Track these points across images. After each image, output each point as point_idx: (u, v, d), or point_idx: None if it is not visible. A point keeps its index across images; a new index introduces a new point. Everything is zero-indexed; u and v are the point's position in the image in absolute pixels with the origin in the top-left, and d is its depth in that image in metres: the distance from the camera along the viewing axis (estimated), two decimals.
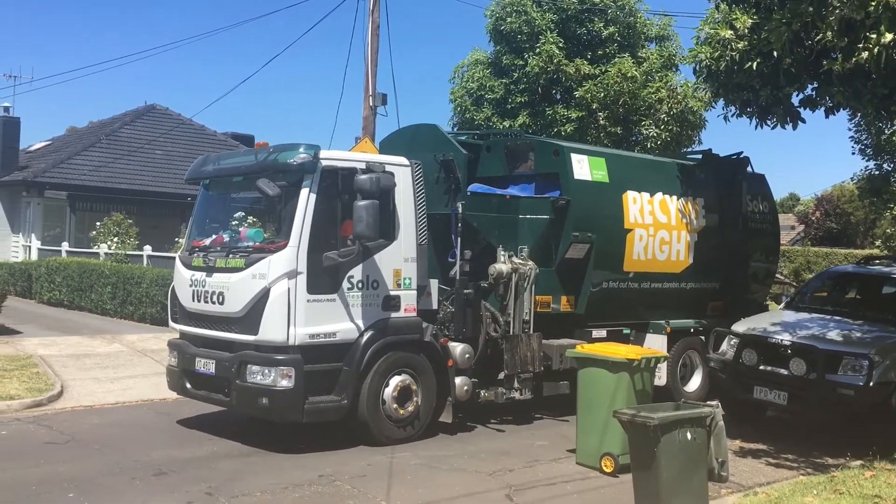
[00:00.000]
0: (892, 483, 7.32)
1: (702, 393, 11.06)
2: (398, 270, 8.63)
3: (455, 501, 6.88)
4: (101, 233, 23.15)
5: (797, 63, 8.88)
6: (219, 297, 8.27)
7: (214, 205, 9.52)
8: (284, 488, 6.98)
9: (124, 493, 6.78)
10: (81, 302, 19.99)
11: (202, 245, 8.92)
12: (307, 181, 8.06)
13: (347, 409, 8.15)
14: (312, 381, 7.96)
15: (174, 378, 8.98)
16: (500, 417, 9.95)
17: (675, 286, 11.41)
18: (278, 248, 7.96)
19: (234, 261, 8.24)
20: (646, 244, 10.86)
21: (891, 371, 9.02)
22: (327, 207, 8.18)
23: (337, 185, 8.24)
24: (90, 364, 12.69)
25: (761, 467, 8.47)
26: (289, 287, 7.82)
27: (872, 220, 40.59)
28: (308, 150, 8.11)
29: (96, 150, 28.56)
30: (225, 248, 8.60)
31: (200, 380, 8.62)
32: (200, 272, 8.54)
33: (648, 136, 18.04)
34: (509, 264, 9.49)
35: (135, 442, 8.41)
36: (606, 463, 7.73)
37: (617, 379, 7.77)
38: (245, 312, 8.00)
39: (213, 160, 9.19)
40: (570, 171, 10.10)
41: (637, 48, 19.44)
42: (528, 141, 11.17)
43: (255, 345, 8.03)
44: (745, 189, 12.37)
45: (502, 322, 9.46)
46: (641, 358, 7.91)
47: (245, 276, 8.04)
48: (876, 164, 19.96)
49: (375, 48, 16.20)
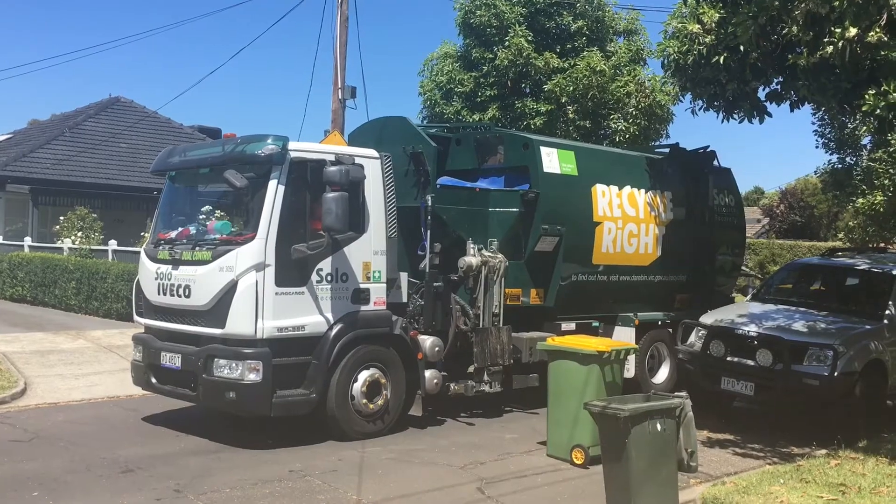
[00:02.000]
0: (857, 471, 7.46)
1: (670, 384, 11.15)
2: (368, 263, 8.58)
3: (426, 495, 6.87)
4: (64, 227, 22.74)
5: (763, 57, 8.98)
6: (185, 291, 8.16)
7: (180, 197, 9.38)
8: (254, 484, 6.91)
9: (91, 491, 6.67)
10: (45, 298, 19.65)
11: (168, 238, 8.77)
12: (275, 173, 7.97)
13: (316, 403, 8.08)
14: (281, 374, 7.88)
15: (139, 373, 8.85)
16: (469, 411, 9.96)
17: (643, 279, 11.49)
18: (246, 241, 7.87)
19: (201, 253, 8.12)
20: (614, 237, 10.91)
21: (855, 361, 9.19)
22: (296, 199, 8.09)
23: (306, 176, 8.15)
24: (54, 360, 12.48)
25: (728, 457, 8.57)
26: (256, 280, 7.73)
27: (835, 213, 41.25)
28: (276, 141, 8.02)
29: (59, 144, 28.08)
30: (191, 240, 8.46)
31: (166, 374, 8.49)
32: (166, 265, 8.43)
33: (617, 130, 18.11)
34: (479, 257, 9.47)
35: (101, 439, 8.27)
36: (577, 455, 7.76)
37: (587, 371, 7.80)
38: (212, 306, 7.91)
39: (179, 151, 9.04)
40: (539, 165, 10.10)
41: (605, 42, 19.50)
42: (498, 134, 11.17)
43: (223, 338, 7.93)
44: (711, 183, 12.47)
45: (472, 315, 9.45)
46: (611, 350, 7.95)
47: (212, 269, 7.94)
48: (839, 157, 20.25)
49: (344, 41, 16.10)
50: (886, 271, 10.67)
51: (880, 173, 17.73)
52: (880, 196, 17.91)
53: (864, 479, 7.17)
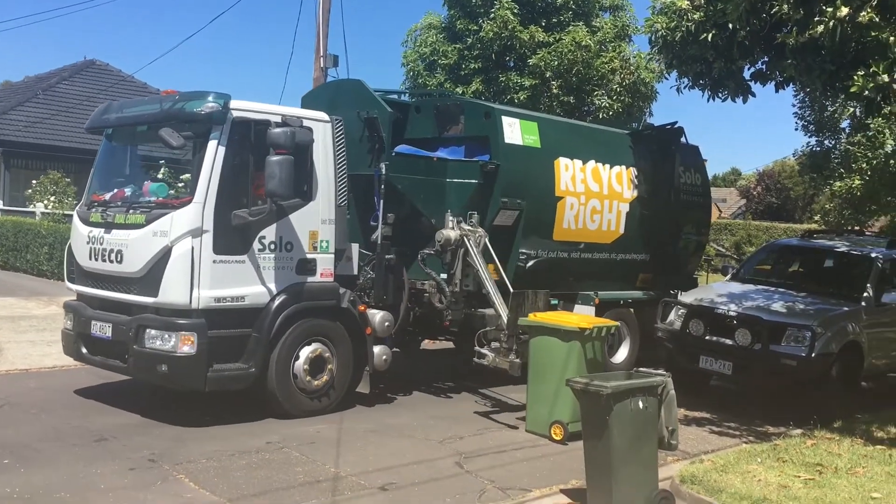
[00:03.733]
0: (833, 451, 7.52)
1: (629, 364, 10.87)
2: (315, 232, 8.20)
3: (405, 468, 6.82)
4: (37, 191, 22.37)
5: (751, 35, 8.92)
6: (117, 256, 7.75)
7: (117, 156, 8.89)
8: (231, 455, 6.82)
9: (63, 459, 6.54)
10: (16, 262, 19.33)
11: (102, 199, 8.31)
12: (216, 133, 7.53)
13: (255, 377, 7.72)
14: (217, 347, 7.51)
15: (69, 342, 8.45)
16: (444, 384, 9.92)
17: (605, 257, 11.18)
18: (182, 205, 7.44)
19: (135, 217, 7.68)
20: (577, 213, 10.58)
21: (832, 342, 9.26)
22: (238, 162, 7.65)
23: (249, 138, 7.71)
24: (25, 326, 12.27)
25: (706, 435, 8.62)
26: (192, 246, 7.34)
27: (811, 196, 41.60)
28: (217, 99, 7.57)
29: (32, 106, 27.49)
30: (126, 202, 8.01)
31: (97, 344, 8.12)
32: (98, 228, 7.99)
33: (601, 107, 18.03)
34: (458, 230, 9.08)
35: (74, 407, 8.14)
36: (556, 431, 7.74)
37: (569, 348, 7.76)
38: (145, 273, 7.51)
39: (115, 108, 8.51)
40: (500, 135, 9.71)
41: (591, 17, 19.35)
42: (459, 102, 10.81)
43: (155, 308, 7.55)
44: (678, 160, 12.13)
45: (448, 293, 9.11)
46: (594, 327, 7.91)
47: (145, 234, 7.52)
48: (818, 140, 20.32)
49: (327, 8, 15.81)
50: (865, 254, 10.75)
51: (858, 157, 17.79)
52: (857, 180, 17.99)
53: (840, 459, 7.24)
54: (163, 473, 6.34)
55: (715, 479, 6.48)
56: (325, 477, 6.47)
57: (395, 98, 10.68)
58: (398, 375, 9.61)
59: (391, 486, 6.37)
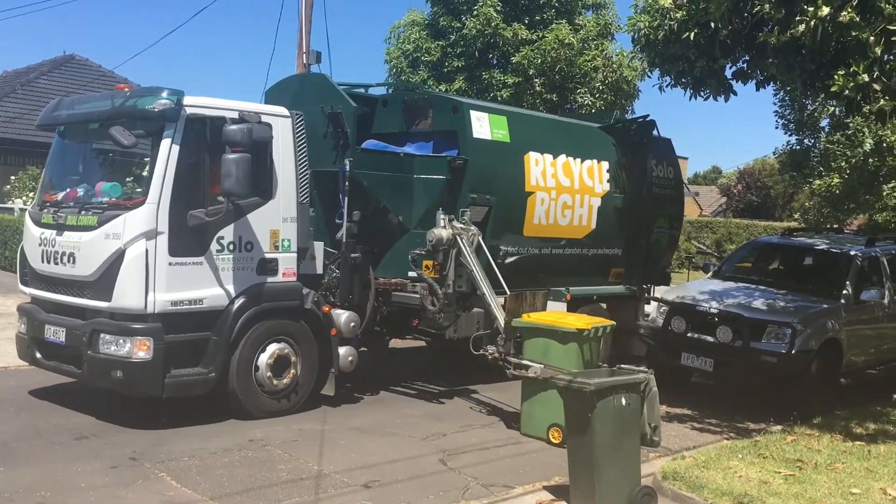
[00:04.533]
0: (813, 447, 7.59)
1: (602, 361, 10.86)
2: (276, 231, 7.99)
3: (388, 466, 6.82)
4: (15, 187, 22.14)
5: (733, 34, 8.97)
6: (69, 259, 7.53)
7: (70, 154, 8.61)
8: (213, 453, 6.80)
9: (44, 457, 6.49)
10: None
11: (54, 200, 8.09)
12: (169, 130, 7.31)
13: (215, 382, 7.57)
14: (175, 352, 7.34)
15: (23, 346, 8.25)
16: (418, 383, 9.92)
17: (576, 252, 11.00)
18: (135, 205, 7.23)
19: (87, 218, 7.46)
20: (547, 208, 10.38)
21: (812, 339, 9.34)
22: (193, 161, 7.45)
23: (205, 135, 7.50)
24: (4, 324, 12.13)
25: (687, 432, 8.68)
26: (147, 248, 7.14)
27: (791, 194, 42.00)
28: (171, 95, 7.35)
29: (10, 101, 27.14)
30: (78, 203, 7.77)
31: (51, 349, 7.91)
32: (50, 230, 7.77)
33: (583, 105, 18.09)
34: (450, 229, 8.79)
35: (54, 405, 8.06)
36: (554, 434, 7.57)
37: (566, 350, 7.63)
38: (98, 276, 7.30)
39: (66, 104, 8.25)
40: (468, 129, 9.48)
41: (574, 15, 19.38)
42: (427, 96, 10.62)
43: (110, 312, 7.37)
44: (651, 153, 11.98)
45: (441, 294, 8.79)
46: (591, 327, 7.77)
47: (98, 236, 7.31)
48: (797, 139, 20.50)
49: (310, 3, 15.72)
50: (845, 252, 10.83)
51: (837, 155, 17.99)
52: (837, 178, 18.21)
53: (819, 455, 7.31)
54: (144, 471, 6.30)
55: (696, 476, 6.53)
56: (308, 475, 6.46)
57: (362, 92, 10.42)
58: (367, 375, 9.51)
59: (375, 483, 6.37)
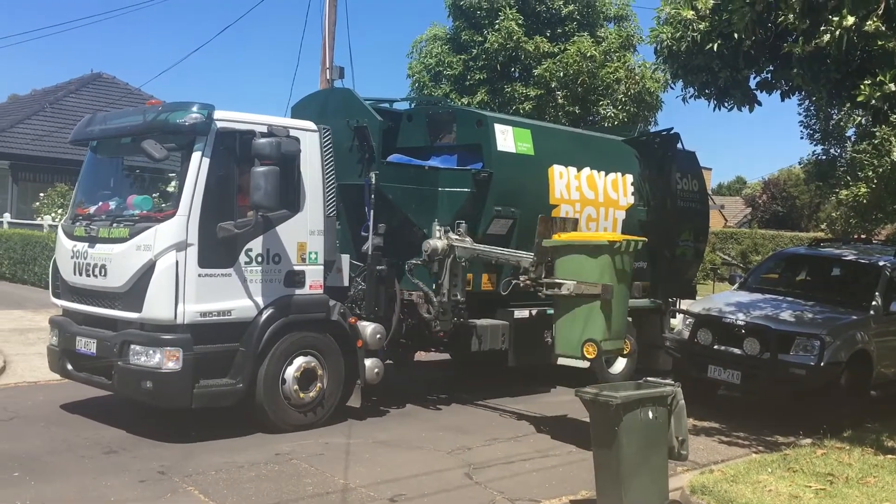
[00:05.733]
0: (843, 461, 7.48)
1: (627, 375, 10.76)
2: (303, 244, 8.07)
3: (414, 480, 6.81)
4: (44, 204, 22.47)
5: (757, 45, 8.93)
6: (101, 270, 7.64)
7: (102, 169, 8.76)
8: (240, 467, 6.83)
9: (74, 471, 6.56)
10: (24, 275, 19.38)
11: (86, 213, 8.21)
12: (199, 144, 7.42)
13: (243, 393, 7.61)
14: (204, 363, 7.39)
15: (54, 358, 8.36)
16: (442, 395, 9.90)
17: None
18: (166, 217, 7.33)
19: (118, 230, 7.59)
20: None
21: (841, 351, 9.23)
22: (223, 174, 7.55)
23: (234, 149, 7.60)
24: (34, 339, 12.31)
25: (715, 445, 8.59)
26: (177, 260, 7.21)
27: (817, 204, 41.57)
28: (201, 109, 7.47)
29: (39, 119, 27.65)
30: (110, 216, 7.90)
31: (82, 361, 8.00)
32: (83, 242, 7.89)
33: (606, 116, 18.07)
34: (445, 240, 8.93)
35: (83, 419, 8.14)
36: (588, 349, 7.45)
37: (598, 263, 7.54)
38: (129, 287, 7.38)
39: (99, 120, 8.41)
40: (493, 143, 9.58)
41: (596, 27, 19.41)
42: (451, 110, 10.69)
43: (140, 323, 7.45)
44: (674, 166, 11.99)
45: (436, 303, 8.92)
46: (623, 240, 7.72)
47: (129, 248, 7.41)
48: (823, 148, 20.32)
49: (333, 20, 15.90)
50: (873, 262, 10.71)
51: (865, 165, 17.77)
52: (864, 188, 17.98)
53: (850, 469, 7.20)
54: (172, 485, 6.34)
55: (725, 490, 6.45)
56: (334, 488, 6.47)
57: (387, 107, 10.53)
58: (393, 387, 9.52)
59: (401, 497, 6.36)
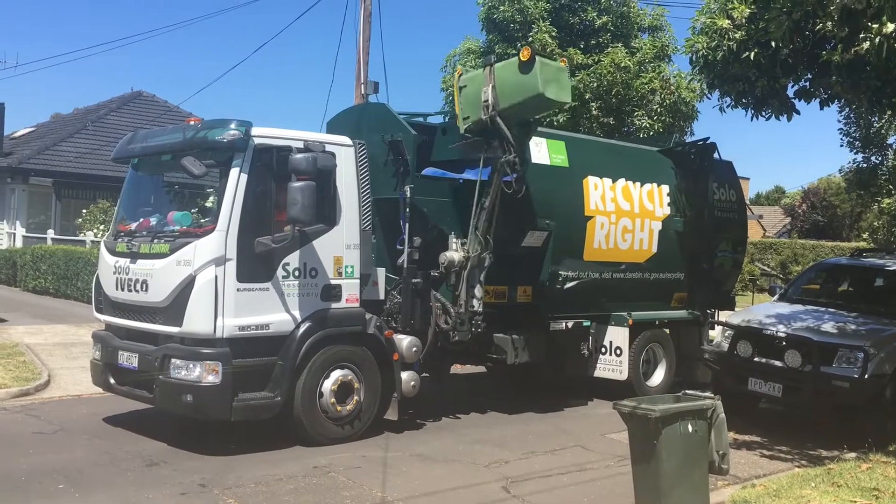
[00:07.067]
0: (889, 475, 7.32)
1: (665, 388, 10.74)
2: (339, 258, 8.14)
3: (451, 493, 6.81)
4: (87, 220, 22.90)
5: (794, 53, 8.83)
6: (142, 286, 7.78)
7: (143, 186, 8.95)
8: (279, 480, 6.88)
9: (116, 483, 6.66)
10: (67, 290, 19.76)
11: (128, 229, 8.41)
12: (237, 160, 7.55)
13: (281, 406, 7.68)
14: (242, 376, 7.47)
15: (97, 372, 8.51)
16: (478, 409, 9.88)
17: (638, 277, 10.95)
18: (205, 233, 7.46)
19: (159, 246, 7.73)
20: (607, 232, 10.43)
21: (885, 363, 9.02)
22: (261, 189, 7.66)
23: (271, 164, 7.71)
24: (77, 353, 12.52)
25: (756, 459, 8.46)
26: (216, 275, 7.32)
27: (858, 213, 40.78)
28: (239, 126, 7.60)
29: (82, 137, 28.23)
30: (150, 232, 8.08)
31: (124, 374, 8.15)
32: (124, 258, 8.03)
33: (641, 127, 17.94)
34: (461, 252, 8.96)
35: (125, 432, 8.28)
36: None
37: None
38: (169, 302, 7.50)
39: (140, 138, 8.60)
40: (527, 155, 9.54)
41: (630, 38, 19.31)
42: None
43: (180, 337, 7.56)
44: (711, 176, 11.93)
45: (454, 314, 8.93)
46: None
47: (169, 263, 7.54)
48: (864, 157, 19.97)
49: (367, 36, 16.04)
50: None
51: None
52: None
53: None
54: (213, 498, 6.41)
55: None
56: (372, 502, 6.49)
57: (421, 121, 10.56)
58: (429, 400, 9.53)
59: None
